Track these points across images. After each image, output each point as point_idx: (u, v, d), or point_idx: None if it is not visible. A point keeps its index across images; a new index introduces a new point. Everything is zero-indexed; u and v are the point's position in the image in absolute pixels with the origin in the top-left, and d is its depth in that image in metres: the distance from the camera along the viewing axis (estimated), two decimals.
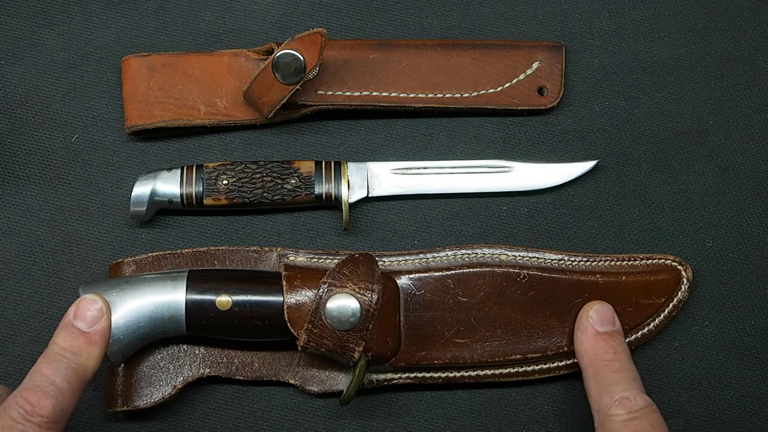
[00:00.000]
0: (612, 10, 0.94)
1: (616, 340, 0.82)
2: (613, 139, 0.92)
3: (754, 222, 0.91)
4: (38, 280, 0.88)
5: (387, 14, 0.93)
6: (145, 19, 0.92)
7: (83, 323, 0.76)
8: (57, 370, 0.73)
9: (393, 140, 0.92)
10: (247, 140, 0.91)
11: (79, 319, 0.76)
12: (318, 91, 0.89)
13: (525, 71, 0.91)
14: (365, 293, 0.78)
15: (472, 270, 0.85)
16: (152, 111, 0.88)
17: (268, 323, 0.80)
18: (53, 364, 0.74)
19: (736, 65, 0.93)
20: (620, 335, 0.83)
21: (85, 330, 0.76)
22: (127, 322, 0.79)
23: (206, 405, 0.87)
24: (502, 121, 0.92)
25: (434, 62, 0.90)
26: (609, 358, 0.81)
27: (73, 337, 0.75)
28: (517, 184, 0.90)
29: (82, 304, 0.77)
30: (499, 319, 0.85)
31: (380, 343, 0.81)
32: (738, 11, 0.94)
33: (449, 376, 0.86)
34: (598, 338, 0.82)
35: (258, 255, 0.87)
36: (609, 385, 0.79)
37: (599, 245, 0.90)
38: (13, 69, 0.91)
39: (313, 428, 0.87)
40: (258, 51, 0.90)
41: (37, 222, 0.89)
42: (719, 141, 0.92)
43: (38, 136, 0.90)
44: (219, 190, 0.87)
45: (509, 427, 0.88)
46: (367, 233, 0.90)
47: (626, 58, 0.93)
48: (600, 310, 0.84)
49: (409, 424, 0.88)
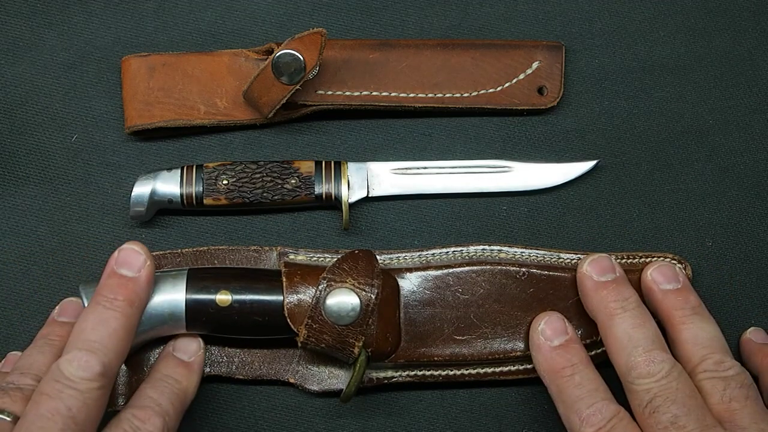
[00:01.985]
0: (612, 10, 0.94)
1: (572, 351, 0.79)
2: (613, 139, 0.92)
3: (754, 222, 0.91)
4: (38, 280, 0.88)
5: (387, 14, 0.93)
6: (145, 19, 0.92)
7: (184, 355, 0.81)
8: (162, 394, 0.77)
9: (393, 140, 0.92)
10: (247, 140, 0.91)
11: (179, 351, 0.81)
12: (318, 91, 0.89)
13: (525, 71, 0.91)
14: (365, 288, 0.78)
15: (471, 267, 0.85)
16: (152, 111, 0.88)
17: (268, 319, 0.80)
18: (158, 388, 0.77)
19: (736, 65, 0.93)
20: (575, 342, 0.80)
21: (185, 360, 0.81)
22: None
23: (206, 405, 0.87)
24: (502, 121, 0.92)
25: (434, 62, 0.91)
26: (568, 374, 0.77)
27: (175, 366, 0.80)
28: (517, 184, 0.90)
29: (182, 340, 0.82)
30: (499, 316, 0.85)
31: (380, 339, 0.81)
32: (738, 11, 0.94)
33: (449, 375, 0.86)
34: (553, 354, 0.79)
35: (258, 254, 0.87)
36: (573, 403, 0.76)
37: (599, 245, 0.90)
38: (13, 69, 0.91)
39: (313, 428, 0.87)
40: (258, 51, 0.90)
41: (37, 222, 0.89)
42: (719, 140, 0.92)
43: (38, 136, 0.90)
44: (219, 190, 0.87)
45: (509, 427, 0.88)
46: (367, 233, 0.90)
47: (626, 58, 0.93)
48: (550, 322, 0.81)
49: (410, 423, 0.88)
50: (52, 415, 0.68)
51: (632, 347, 0.76)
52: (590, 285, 0.81)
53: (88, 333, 0.72)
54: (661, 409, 0.73)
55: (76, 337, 0.72)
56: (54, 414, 0.68)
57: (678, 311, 0.80)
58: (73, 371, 0.70)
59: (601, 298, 0.80)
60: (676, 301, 0.80)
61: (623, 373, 0.76)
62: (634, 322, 0.77)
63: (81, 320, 0.73)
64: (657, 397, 0.73)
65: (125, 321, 0.74)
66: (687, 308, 0.80)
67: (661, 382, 0.74)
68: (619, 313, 0.78)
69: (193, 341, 0.82)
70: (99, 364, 0.71)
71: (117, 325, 0.73)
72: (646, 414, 0.73)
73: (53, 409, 0.68)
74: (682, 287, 0.82)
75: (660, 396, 0.73)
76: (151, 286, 0.77)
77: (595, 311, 0.80)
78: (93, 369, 0.70)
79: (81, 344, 0.72)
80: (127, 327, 0.74)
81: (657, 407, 0.73)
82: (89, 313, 0.74)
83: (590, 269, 0.82)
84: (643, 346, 0.75)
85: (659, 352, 0.75)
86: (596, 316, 0.80)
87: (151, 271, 0.77)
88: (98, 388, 0.70)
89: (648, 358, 0.75)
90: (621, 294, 0.79)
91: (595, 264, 0.82)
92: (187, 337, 0.82)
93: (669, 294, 0.81)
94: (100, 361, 0.71)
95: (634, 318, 0.78)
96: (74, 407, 0.69)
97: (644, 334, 0.76)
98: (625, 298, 0.79)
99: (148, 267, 0.77)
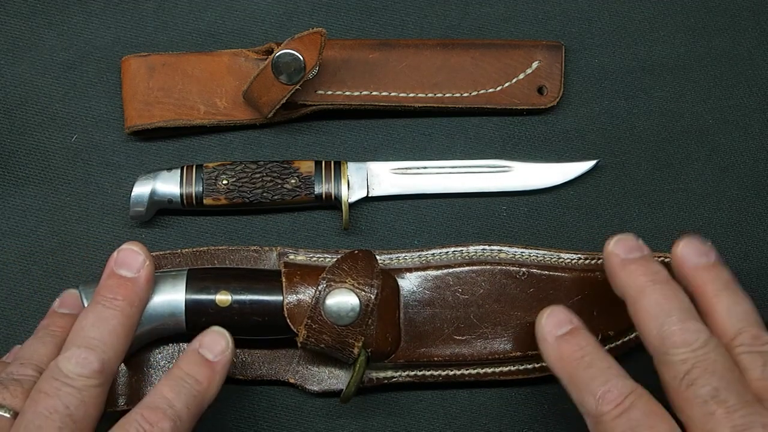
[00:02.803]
0: (612, 10, 0.94)
1: (579, 336, 0.75)
2: (613, 139, 0.92)
3: (754, 221, 0.91)
4: (38, 280, 0.88)
5: (387, 14, 0.93)
6: (145, 19, 0.92)
7: (210, 353, 0.76)
8: (178, 395, 0.73)
9: (393, 140, 0.92)
10: (246, 140, 0.91)
11: (206, 348, 0.76)
12: (318, 90, 0.89)
13: (525, 71, 0.91)
14: (364, 288, 0.78)
15: (471, 267, 0.85)
16: (152, 111, 0.88)
17: (268, 320, 0.79)
18: (175, 388, 0.73)
19: (736, 65, 0.93)
20: (582, 329, 0.76)
21: (210, 359, 0.76)
22: None
23: None
24: (501, 121, 0.92)
25: (434, 62, 0.91)
26: (577, 356, 0.74)
27: (199, 364, 0.75)
28: (516, 184, 0.90)
29: (210, 335, 0.77)
30: (499, 316, 0.85)
31: (380, 339, 0.80)
32: (738, 11, 0.94)
33: (449, 375, 0.86)
34: (560, 342, 0.75)
35: (258, 254, 0.87)
36: (587, 383, 0.72)
37: (599, 244, 0.89)
38: (13, 69, 0.91)
39: (313, 428, 0.87)
40: (258, 51, 0.90)
41: (37, 222, 0.89)
42: (719, 140, 0.92)
43: (38, 136, 0.90)
44: (219, 190, 0.87)
45: (509, 427, 0.88)
46: (366, 233, 0.90)
47: (626, 58, 0.93)
48: (552, 314, 0.77)
49: (410, 423, 0.88)
50: (50, 414, 0.68)
51: (665, 316, 0.72)
52: (617, 262, 0.77)
53: (87, 330, 0.72)
54: (699, 382, 0.68)
55: (76, 335, 0.72)
56: (52, 412, 0.68)
57: (710, 285, 0.75)
58: (71, 368, 0.70)
59: (630, 273, 0.75)
60: (708, 275, 0.76)
61: (655, 345, 0.72)
62: (666, 293, 0.73)
63: (80, 319, 0.73)
64: (695, 368, 0.69)
65: (125, 320, 0.74)
66: (720, 282, 0.75)
67: (698, 352, 0.70)
68: (649, 286, 0.74)
69: (221, 338, 0.77)
70: (97, 361, 0.70)
71: (116, 323, 0.73)
72: (682, 387, 0.69)
73: (51, 407, 0.68)
74: (714, 262, 0.77)
75: (698, 367, 0.69)
76: (150, 286, 0.77)
77: (623, 287, 0.76)
78: (91, 366, 0.70)
79: (80, 342, 0.71)
80: (126, 326, 0.74)
81: (695, 379, 0.69)
82: (89, 311, 0.74)
83: (616, 248, 0.77)
84: (677, 315, 0.71)
85: (694, 322, 0.71)
86: (625, 292, 0.76)
87: (150, 271, 0.77)
88: (96, 385, 0.70)
89: (683, 327, 0.71)
90: (650, 268, 0.75)
91: (621, 243, 0.78)
92: (215, 333, 0.77)
93: (700, 269, 0.76)
94: (98, 359, 0.70)
95: (665, 290, 0.74)
96: (72, 405, 0.69)
97: (677, 304, 0.73)
98: (654, 272, 0.75)
99: (147, 267, 0.76)
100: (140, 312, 0.76)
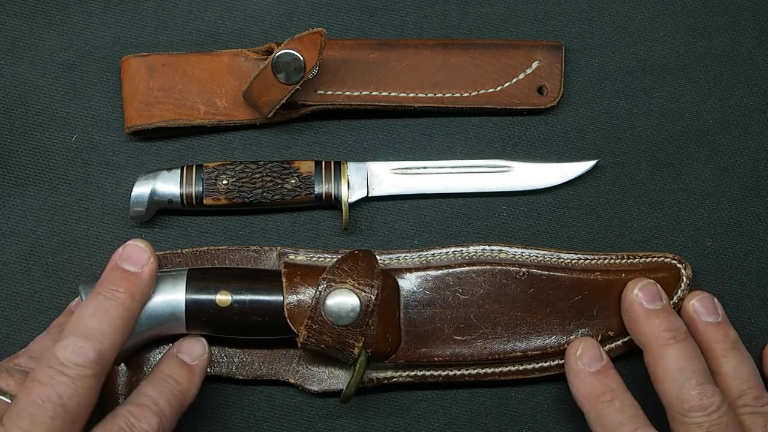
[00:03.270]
0: (612, 10, 0.94)
1: (610, 377, 0.81)
2: (613, 139, 0.92)
3: (754, 221, 0.91)
4: (38, 280, 0.88)
5: (387, 14, 0.93)
6: (145, 19, 0.92)
7: (188, 357, 0.80)
8: (161, 394, 0.76)
9: (393, 140, 0.92)
10: (246, 140, 0.91)
11: (184, 353, 0.80)
12: (318, 90, 0.89)
13: (525, 71, 0.91)
14: (365, 289, 0.78)
15: (471, 268, 0.85)
16: (152, 111, 0.88)
17: (268, 320, 0.79)
18: (158, 388, 0.77)
19: (736, 65, 0.93)
20: (611, 369, 0.82)
21: (189, 363, 0.80)
22: None
23: (206, 405, 0.87)
24: (501, 121, 0.92)
25: (434, 62, 0.91)
26: (607, 399, 0.79)
27: (178, 367, 0.79)
28: (516, 184, 0.90)
29: (187, 342, 0.81)
30: (499, 316, 0.85)
31: (380, 340, 0.80)
32: (738, 11, 0.94)
33: (449, 375, 0.86)
34: (592, 380, 0.81)
35: (258, 254, 0.87)
36: (614, 428, 0.77)
37: (599, 244, 0.90)
38: (13, 69, 0.91)
39: (313, 428, 0.87)
40: (258, 51, 0.90)
41: (37, 222, 0.89)
42: (719, 140, 0.92)
43: (38, 136, 0.90)
44: (219, 190, 0.87)
45: (509, 427, 0.88)
46: (366, 233, 0.90)
47: (626, 58, 0.93)
48: (586, 349, 0.82)
49: (410, 423, 0.88)
50: (43, 402, 0.69)
51: (685, 379, 0.77)
52: (641, 312, 0.82)
53: (86, 320, 0.73)
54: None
55: (74, 324, 0.73)
56: (45, 401, 0.69)
57: (719, 344, 0.82)
58: (67, 356, 0.70)
59: (653, 327, 0.81)
60: (717, 334, 0.83)
61: (673, 403, 0.77)
62: (686, 354, 0.79)
63: (80, 308, 0.74)
64: (710, 431, 0.76)
65: (125, 312, 0.74)
66: (728, 342, 0.82)
67: (713, 416, 0.76)
68: (671, 344, 0.80)
69: (198, 345, 0.81)
70: (94, 351, 0.71)
71: (116, 314, 0.74)
72: None
73: (44, 395, 0.69)
74: (722, 321, 0.84)
75: (713, 430, 0.75)
76: (153, 283, 0.78)
77: (645, 338, 0.81)
78: (87, 355, 0.71)
79: (78, 330, 0.72)
80: (126, 318, 0.74)
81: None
82: (89, 302, 0.74)
83: (641, 295, 0.83)
84: (696, 379, 0.77)
85: (711, 386, 0.77)
86: (646, 344, 0.81)
87: (154, 268, 0.77)
88: (91, 375, 0.71)
89: (701, 391, 0.77)
90: (672, 324, 0.81)
91: (645, 290, 0.83)
92: (192, 339, 0.81)
93: (710, 326, 0.83)
94: (95, 348, 0.71)
95: (685, 350, 0.79)
96: (65, 395, 0.69)
97: (696, 366, 0.78)
98: (676, 328, 0.81)
99: (151, 264, 0.77)
100: (140, 307, 0.77)
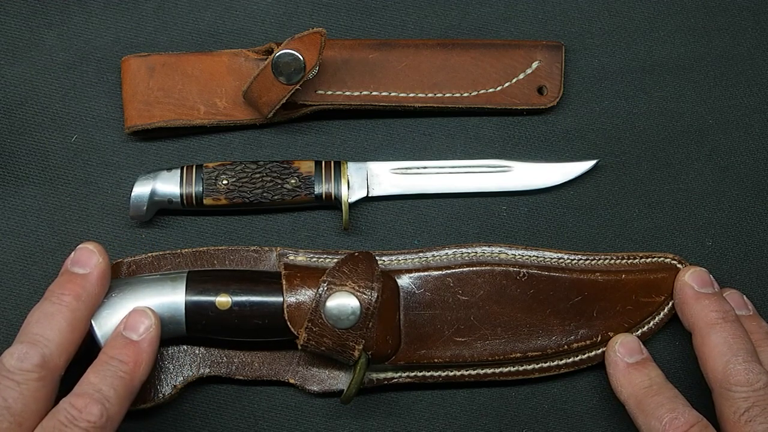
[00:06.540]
0: (612, 10, 0.94)
1: (649, 367, 0.82)
2: (613, 139, 0.92)
3: (754, 221, 0.91)
4: (38, 280, 0.88)
5: (387, 14, 0.93)
6: (145, 19, 0.92)
7: (134, 333, 0.77)
8: (104, 378, 0.74)
9: (393, 140, 0.92)
10: (246, 140, 0.91)
11: (129, 330, 0.77)
12: (318, 90, 0.89)
13: (525, 71, 0.91)
14: (365, 291, 0.78)
15: (471, 269, 0.85)
16: (152, 111, 0.88)
17: (268, 322, 0.80)
18: (100, 372, 0.75)
19: (736, 65, 0.93)
20: (651, 362, 0.83)
21: (135, 339, 0.77)
22: None
23: (206, 405, 0.87)
24: (501, 121, 0.92)
25: (434, 62, 0.91)
26: (646, 385, 0.80)
27: (122, 347, 0.76)
28: (516, 184, 0.90)
29: (133, 316, 0.78)
30: (499, 317, 0.85)
31: (380, 342, 0.81)
32: (738, 11, 0.94)
33: (449, 375, 0.86)
34: (630, 370, 0.82)
35: (258, 255, 0.87)
36: (654, 409, 0.78)
37: (599, 245, 0.90)
38: (13, 69, 0.91)
39: (313, 428, 0.87)
40: (258, 51, 0.90)
41: (37, 222, 0.89)
42: (719, 140, 0.92)
43: (38, 136, 0.90)
44: (219, 190, 0.87)
45: (509, 427, 0.88)
46: (366, 233, 0.90)
47: (626, 58, 0.93)
48: (626, 342, 0.84)
49: (409, 424, 0.88)
50: None
51: (732, 355, 0.78)
52: (691, 294, 0.84)
53: (32, 326, 0.74)
54: (758, 419, 0.76)
55: (21, 332, 0.75)
56: None
57: (754, 335, 0.83)
58: (13, 363, 0.72)
59: (703, 307, 0.82)
60: (751, 325, 0.84)
61: (719, 379, 0.78)
62: (734, 333, 0.80)
63: (28, 316, 0.75)
64: (755, 406, 0.76)
65: (70, 315, 0.75)
66: (761, 332, 0.84)
67: (759, 392, 0.77)
68: (720, 323, 0.81)
69: (144, 317, 0.78)
70: (38, 355, 0.72)
71: (60, 318, 0.75)
72: (741, 422, 0.76)
73: None
74: (753, 314, 0.86)
75: (758, 406, 0.76)
76: (103, 284, 0.78)
77: (694, 318, 0.82)
78: (31, 360, 0.72)
79: (23, 337, 0.74)
80: (72, 321, 0.75)
81: (754, 417, 0.76)
82: (36, 308, 0.76)
83: (691, 280, 0.84)
84: (743, 356, 0.78)
85: (757, 365, 0.78)
86: (694, 323, 0.82)
87: (102, 269, 0.78)
88: (37, 379, 0.72)
89: (748, 367, 0.78)
90: (722, 306, 0.82)
91: (695, 276, 0.85)
92: (137, 313, 0.78)
93: (744, 319, 0.84)
94: (39, 353, 0.72)
95: (734, 329, 0.80)
96: (10, 398, 0.71)
97: (743, 345, 0.79)
98: (725, 309, 0.82)
99: (99, 265, 0.78)
100: (89, 307, 0.77)
